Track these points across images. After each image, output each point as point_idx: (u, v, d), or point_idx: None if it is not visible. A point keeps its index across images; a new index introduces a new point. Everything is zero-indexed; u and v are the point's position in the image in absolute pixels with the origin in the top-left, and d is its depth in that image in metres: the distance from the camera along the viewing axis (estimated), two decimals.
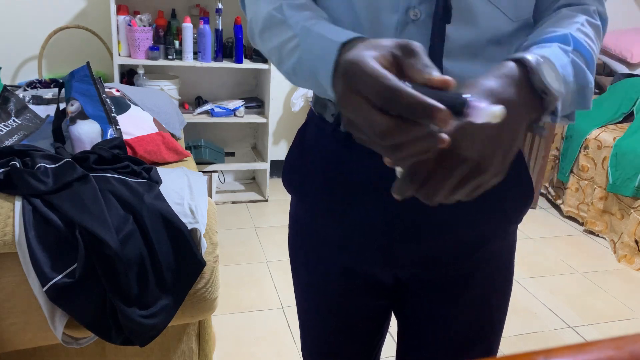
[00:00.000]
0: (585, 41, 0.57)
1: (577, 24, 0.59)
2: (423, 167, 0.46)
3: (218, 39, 2.75)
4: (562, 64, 0.53)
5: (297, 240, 0.83)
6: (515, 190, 0.70)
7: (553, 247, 2.77)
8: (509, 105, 0.47)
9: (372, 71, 0.42)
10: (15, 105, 1.62)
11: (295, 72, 0.60)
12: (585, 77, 0.56)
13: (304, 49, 0.56)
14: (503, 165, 0.49)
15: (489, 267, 0.73)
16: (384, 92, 0.41)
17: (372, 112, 0.43)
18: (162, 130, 1.76)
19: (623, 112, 2.96)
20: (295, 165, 0.77)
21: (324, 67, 0.52)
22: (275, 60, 0.63)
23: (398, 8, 0.59)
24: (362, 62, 0.43)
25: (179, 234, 1.19)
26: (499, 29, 0.61)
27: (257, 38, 0.66)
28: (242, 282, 2.23)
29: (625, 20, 3.71)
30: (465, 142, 0.46)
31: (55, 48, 2.75)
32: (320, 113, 0.72)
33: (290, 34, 0.59)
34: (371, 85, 0.42)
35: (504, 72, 0.50)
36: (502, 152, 0.48)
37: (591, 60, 0.57)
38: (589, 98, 0.57)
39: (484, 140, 0.47)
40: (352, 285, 0.78)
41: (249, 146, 3.29)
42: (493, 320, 0.77)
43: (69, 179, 1.19)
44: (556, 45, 0.55)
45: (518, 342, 1.96)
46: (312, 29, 0.56)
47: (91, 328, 1.14)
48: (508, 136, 0.48)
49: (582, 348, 0.24)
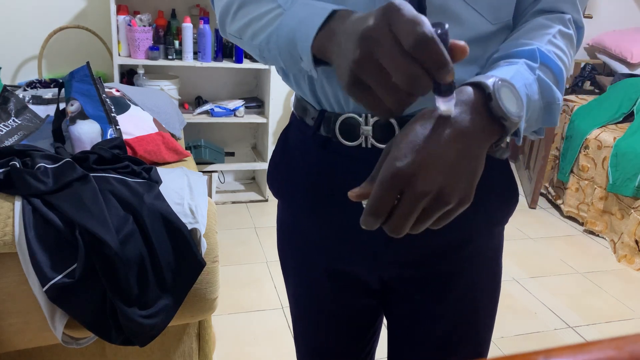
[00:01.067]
0: (556, 54, 0.57)
1: (548, 35, 0.59)
2: (386, 203, 0.46)
3: (218, 38, 2.75)
4: (527, 83, 0.53)
5: (284, 243, 0.83)
6: (499, 191, 0.70)
7: (553, 247, 2.77)
8: (468, 133, 0.48)
9: (414, 16, 0.42)
10: (15, 105, 1.62)
11: (269, 43, 0.60)
12: (552, 94, 0.56)
13: (287, 16, 0.57)
14: (467, 192, 0.48)
15: (474, 267, 0.73)
16: (422, 37, 0.41)
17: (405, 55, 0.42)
18: (162, 130, 1.76)
19: (623, 112, 2.96)
20: (278, 168, 0.78)
21: (307, 31, 0.53)
22: (250, 33, 0.63)
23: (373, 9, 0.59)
24: (406, 6, 0.43)
25: (179, 234, 1.19)
26: (478, 30, 0.61)
27: (230, 18, 0.66)
28: (242, 282, 2.23)
29: (625, 20, 3.71)
30: (423, 176, 0.45)
31: (55, 48, 2.75)
32: (301, 117, 0.72)
33: (272, 5, 0.59)
34: (411, 28, 0.42)
35: (462, 98, 0.49)
36: (464, 181, 0.48)
37: (560, 74, 0.57)
38: (556, 114, 0.57)
39: (443, 171, 0.46)
40: (339, 286, 0.78)
41: (248, 146, 3.29)
42: (480, 320, 0.77)
43: (69, 179, 1.19)
44: (523, 61, 0.55)
45: (518, 342, 1.96)
46: (298, 0, 0.57)
47: (91, 328, 1.14)
48: (469, 163, 0.48)
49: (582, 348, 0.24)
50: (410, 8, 0.43)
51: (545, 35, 0.58)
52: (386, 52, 0.43)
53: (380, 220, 0.47)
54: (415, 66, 0.42)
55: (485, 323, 0.78)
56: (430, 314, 0.75)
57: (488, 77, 0.50)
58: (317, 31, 0.52)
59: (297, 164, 0.73)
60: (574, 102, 3.25)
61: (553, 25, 0.60)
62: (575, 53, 0.64)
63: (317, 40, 0.53)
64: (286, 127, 0.79)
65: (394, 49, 0.42)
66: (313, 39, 0.53)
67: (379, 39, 0.43)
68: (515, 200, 0.73)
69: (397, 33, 0.42)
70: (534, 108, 0.54)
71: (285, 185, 0.76)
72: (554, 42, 0.58)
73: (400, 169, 0.45)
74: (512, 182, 0.72)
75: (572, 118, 3.12)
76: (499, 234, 0.76)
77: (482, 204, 0.65)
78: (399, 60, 0.42)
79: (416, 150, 0.46)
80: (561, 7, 0.63)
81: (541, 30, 0.59)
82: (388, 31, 0.43)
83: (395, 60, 0.42)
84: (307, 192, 0.72)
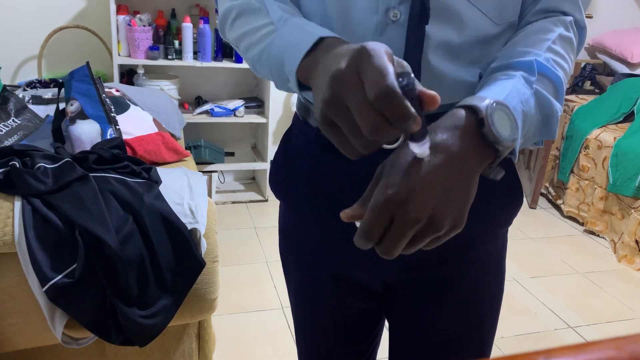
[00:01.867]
0: (555, 62, 0.57)
1: (548, 41, 0.58)
2: (377, 228, 0.46)
3: (218, 38, 2.75)
4: (523, 99, 0.53)
5: (286, 245, 0.83)
6: (503, 193, 0.69)
7: (553, 247, 2.77)
8: (460, 159, 0.48)
9: (381, 66, 0.42)
10: (14, 105, 1.61)
11: (261, 58, 0.60)
12: (550, 107, 0.56)
13: (278, 35, 0.57)
14: (459, 219, 0.48)
15: (477, 269, 0.72)
16: (384, 90, 0.41)
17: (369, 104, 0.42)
18: (162, 130, 1.76)
19: (623, 112, 2.96)
20: (280, 170, 0.77)
21: (294, 55, 0.53)
22: (245, 45, 0.63)
23: (377, 9, 0.58)
24: (377, 52, 0.43)
25: (179, 234, 1.19)
26: (482, 31, 0.61)
27: (228, 25, 0.66)
28: (242, 282, 2.23)
29: (625, 20, 3.70)
30: (415, 203, 0.46)
31: (55, 48, 2.75)
32: (304, 117, 0.72)
33: (266, 20, 0.59)
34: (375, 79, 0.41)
35: (455, 123, 0.49)
36: (456, 207, 0.48)
37: (559, 83, 0.57)
38: (554, 127, 0.57)
39: (435, 198, 0.46)
40: (341, 288, 0.78)
41: (248, 146, 3.29)
42: (483, 322, 0.76)
43: (69, 179, 1.19)
44: (520, 75, 0.54)
45: (518, 342, 1.96)
46: (291, 19, 0.57)
47: (91, 328, 1.14)
48: (461, 189, 0.48)
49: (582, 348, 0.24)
50: (380, 54, 0.43)
51: (545, 42, 0.58)
52: (352, 99, 0.43)
53: (373, 243, 0.48)
54: (379, 117, 0.42)
55: (488, 325, 0.78)
56: (433, 316, 0.74)
57: (482, 99, 0.50)
58: (303, 58, 0.52)
59: (299, 166, 0.73)
60: (574, 102, 3.25)
61: (553, 29, 0.59)
62: (577, 55, 0.63)
63: (302, 67, 0.53)
64: (289, 128, 0.79)
65: (359, 98, 0.42)
66: (298, 66, 0.53)
67: (346, 84, 0.43)
68: (519, 202, 0.72)
69: (364, 81, 0.42)
70: (531, 122, 0.54)
71: (287, 186, 0.76)
72: (553, 49, 0.58)
73: (392, 196, 0.45)
74: (516, 184, 0.71)
75: (572, 118, 3.12)
76: (503, 236, 0.75)
77: (486, 206, 0.65)
78: (363, 109, 0.42)
79: (409, 178, 0.46)
80: (562, 7, 0.62)
81: (540, 35, 0.59)
82: (356, 78, 0.43)
83: (359, 109, 0.42)
84: (308, 194, 0.72)
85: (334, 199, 0.69)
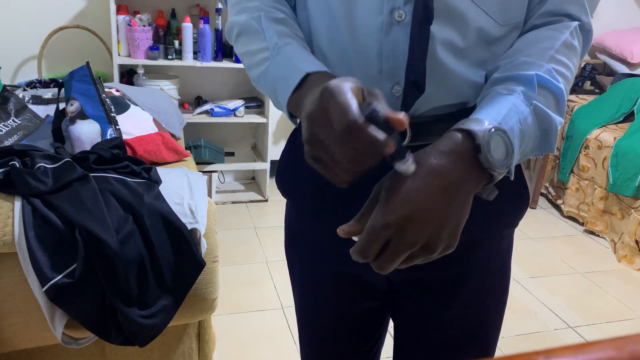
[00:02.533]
0: (557, 71, 0.57)
1: (550, 50, 0.58)
2: (374, 249, 0.49)
3: (218, 38, 2.75)
4: (522, 117, 0.53)
5: (291, 244, 0.83)
6: (509, 194, 0.69)
7: (553, 247, 2.77)
8: (456, 184, 0.49)
9: (342, 102, 0.45)
10: (14, 105, 1.61)
11: (260, 81, 0.64)
12: (550, 121, 0.56)
13: (272, 65, 0.60)
14: (452, 241, 0.51)
15: (482, 269, 0.72)
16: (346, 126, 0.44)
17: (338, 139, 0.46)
18: (162, 130, 1.76)
19: (623, 112, 2.96)
20: (286, 170, 0.78)
21: (284, 89, 0.57)
22: (246, 64, 0.67)
23: (382, 10, 0.59)
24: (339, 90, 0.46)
25: (179, 234, 1.19)
26: (486, 31, 0.60)
27: (232, 40, 0.69)
28: (242, 282, 2.23)
29: (625, 20, 3.70)
30: (411, 229, 0.48)
31: (55, 48, 2.75)
32: None
33: (263, 45, 0.62)
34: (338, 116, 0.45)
35: (451, 147, 0.50)
36: (449, 231, 0.50)
37: (561, 94, 0.57)
38: (552, 142, 0.58)
39: (431, 224, 0.49)
40: (346, 288, 0.78)
41: (248, 146, 3.29)
42: (488, 322, 0.76)
43: (69, 179, 1.18)
44: (520, 91, 0.55)
45: (518, 342, 1.96)
46: (284, 49, 0.60)
47: (91, 328, 1.14)
48: (456, 213, 0.50)
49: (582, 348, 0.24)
50: (342, 90, 0.46)
51: (548, 51, 0.58)
52: (326, 136, 0.47)
53: (369, 260, 0.51)
54: (351, 150, 0.45)
55: (493, 326, 0.77)
56: (438, 316, 0.74)
57: (480, 123, 0.50)
58: (292, 93, 0.57)
59: (304, 165, 0.73)
60: (574, 102, 3.25)
61: (557, 37, 0.59)
62: (581, 59, 0.63)
63: (291, 101, 0.57)
64: (294, 129, 0.79)
65: (330, 135, 0.46)
66: (288, 99, 0.57)
67: (318, 124, 0.47)
68: (526, 203, 0.72)
69: (331, 119, 0.46)
70: (529, 139, 0.55)
71: (292, 185, 0.76)
72: (556, 58, 0.58)
73: (389, 223, 0.48)
74: (523, 185, 0.71)
75: (572, 118, 3.12)
76: (509, 237, 0.75)
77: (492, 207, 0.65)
78: (335, 144, 0.46)
79: (406, 204, 0.48)
80: (568, 9, 0.61)
81: (544, 43, 0.59)
82: (325, 116, 0.46)
83: (333, 143, 0.46)
84: (314, 194, 0.72)
85: (338, 199, 0.69)
